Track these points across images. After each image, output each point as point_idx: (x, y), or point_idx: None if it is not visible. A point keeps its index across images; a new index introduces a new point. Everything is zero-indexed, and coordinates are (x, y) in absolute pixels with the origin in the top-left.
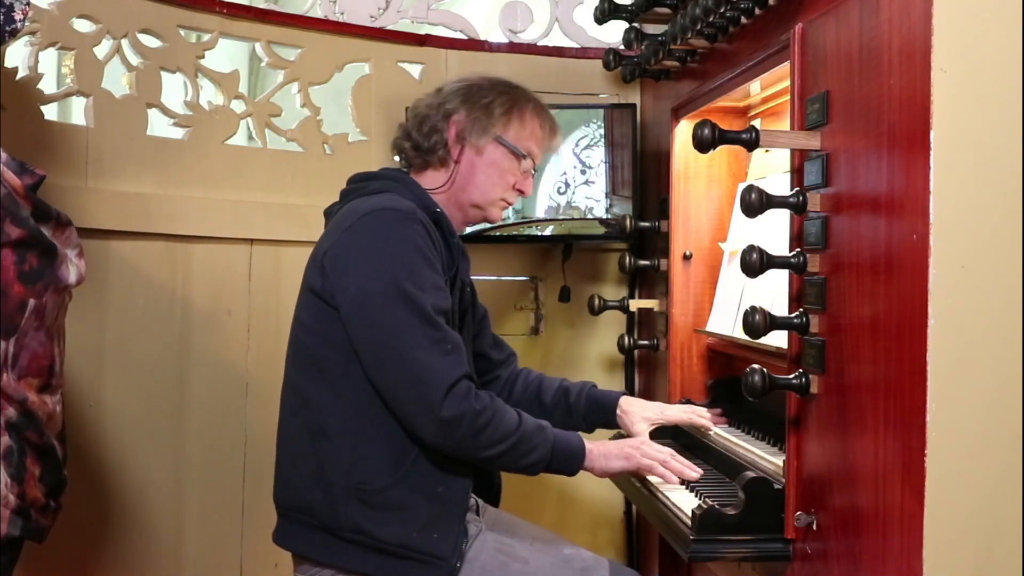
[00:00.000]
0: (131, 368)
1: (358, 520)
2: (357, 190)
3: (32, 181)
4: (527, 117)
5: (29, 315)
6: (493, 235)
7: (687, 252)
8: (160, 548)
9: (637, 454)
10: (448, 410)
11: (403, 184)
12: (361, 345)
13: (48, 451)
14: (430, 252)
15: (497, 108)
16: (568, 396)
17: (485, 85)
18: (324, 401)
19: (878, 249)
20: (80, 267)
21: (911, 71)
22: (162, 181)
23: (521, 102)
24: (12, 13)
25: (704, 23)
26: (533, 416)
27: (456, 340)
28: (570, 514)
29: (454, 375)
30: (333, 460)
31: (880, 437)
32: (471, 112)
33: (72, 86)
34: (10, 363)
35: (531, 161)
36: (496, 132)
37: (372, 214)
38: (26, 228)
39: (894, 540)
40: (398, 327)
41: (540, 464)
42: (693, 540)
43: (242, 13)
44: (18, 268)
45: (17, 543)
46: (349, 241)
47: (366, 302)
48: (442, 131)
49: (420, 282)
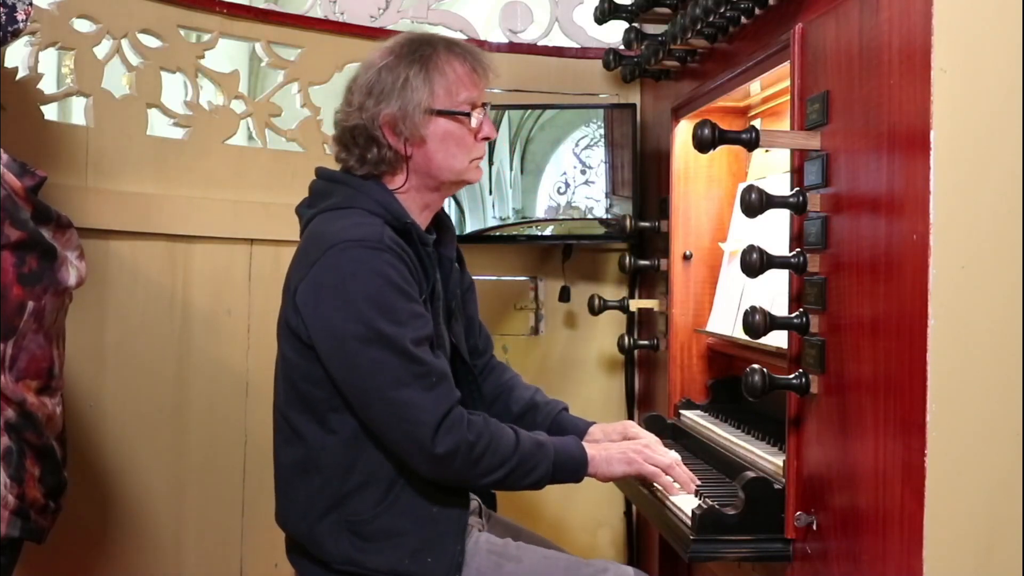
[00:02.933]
0: (131, 368)
1: (349, 552)
2: (323, 195)
3: (33, 183)
4: (447, 70)
5: (28, 317)
6: (493, 235)
7: (687, 252)
8: (160, 548)
9: (640, 459)
10: (441, 445)
11: (367, 193)
12: (343, 386)
13: (47, 452)
14: (403, 280)
15: (414, 81)
16: (536, 413)
17: (391, 63)
18: (314, 437)
19: (878, 249)
20: (80, 269)
21: (911, 71)
22: (162, 181)
23: (433, 59)
24: (14, 13)
25: (704, 23)
26: (495, 415)
27: (441, 370)
28: (570, 514)
29: (442, 409)
30: (322, 495)
31: (880, 437)
32: (393, 101)
33: (72, 86)
34: (8, 365)
35: (480, 110)
36: (426, 106)
37: (336, 248)
38: (26, 230)
39: (894, 540)
40: (378, 368)
41: (543, 480)
42: (693, 540)
43: (242, 13)
44: (17, 270)
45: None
46: (318, 279)
47: (342, 345)
48: (378, 137)
49: (396, 316)
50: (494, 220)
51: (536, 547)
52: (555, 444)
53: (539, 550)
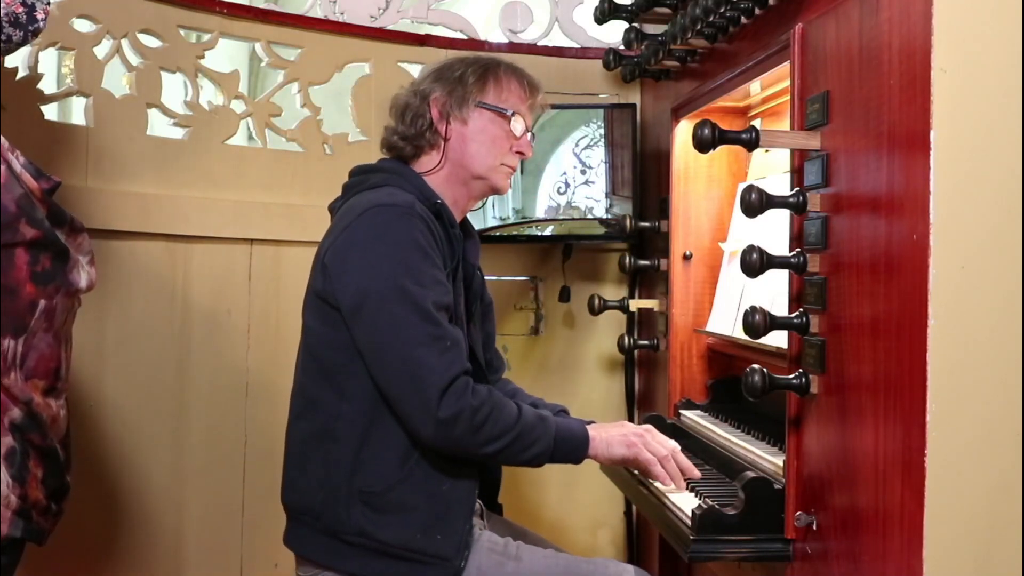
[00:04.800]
0: (131, 368)
1: (361, 523)
2: (358, 184)
3: (48, 186)
4: (502, 77)
5: (39, 316)
6: (493, 235)
7: (687, 252)
8: (160, 548)
9: (640, 443)
10: (445, 409)
11: (402, 176)
12: (362, 344)
13: (51, 454)
14: (429, 247)
15: (471, 76)
16: None
17: (455, 62)
18: (330, 404)
19: (878, 249)
20: (91, 273)
21: (911, 71)
22: (162, 181)
23: (492, 66)
24: (34, 12)
25: (704, 23)
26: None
27: (455, 337)
28: (570, 514)
29: (451, 373)
30: (338, 463)
31: (880, 437)
32: (446, 87)
33: (72, 86)
34: (18, 363)
35: (521, 120)
36: (476, 99)
37: (370, 211)
38: (41, 229)
39: (894, 540)
40: (397, 324)
41: (543, 456)
42: (693, 540)
43: (242, 13)
44: (31, 268)
45: (18, 544)
46: (348, 240)
47: (366, 300)
48: (424, 114)
49: (420, 278)
50: (494, 220)
51: (536, 547)
52: (557, 421)
53: (539, 550)
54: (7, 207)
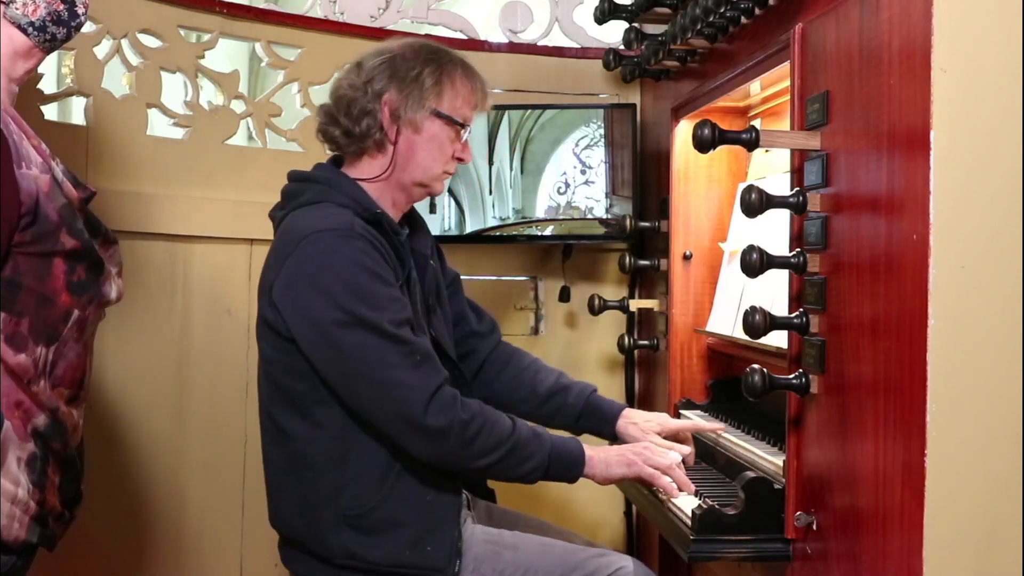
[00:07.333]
0: (131, 368)
1: (349, 546)
2: (293, 196)
3: (85, 195)
4: (458, 83)
5: (71, 325)
6: (493, 235)
7: (687, 252)
8: (160, 548)
9: (639, 460)
10: (434, 421)
11: (338, 188)
12: (327, 374)
13: (70, 462)
14: (377, 265)
15: (427, 79)
16: (567, 394)
17: (408, 55)
18: (301, 432)
19: (878, 249)
20: (120, 286)
21: (911, 71)
22: (162, 181)
23: (449, 68)
24: (75, 7)
25: (704, 23)
26: (520, 401)
27: (425, 349)
28: (570, 514)
29: (430, 385)
30: (317, 490)
31: (880, 437)
32: (402, 88)
33: (72, 86)
34: (48, 371)
35: (466, 131)
36: (431, 106)
37: (309, 239)
38: (80, 240)
39: (894, 540)
40: (361, 352)
41: (537, 472)
42: (693, 540)
43: (242, 13)
44: (67, 278)
45: (32, 549)
46: (293, 272)
47: (324, 333)
48: (374, 113)
49: (374, 301)
50: (494, 220)
51: (532, 536)
52: (553, 438)
53: (535, 538)
54: (49, 216)
